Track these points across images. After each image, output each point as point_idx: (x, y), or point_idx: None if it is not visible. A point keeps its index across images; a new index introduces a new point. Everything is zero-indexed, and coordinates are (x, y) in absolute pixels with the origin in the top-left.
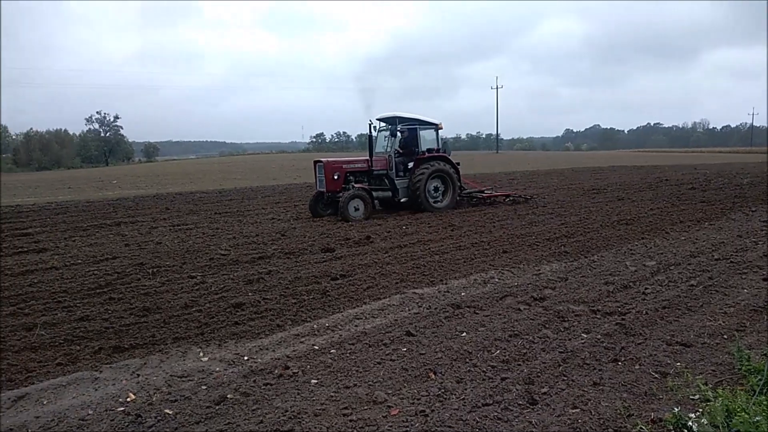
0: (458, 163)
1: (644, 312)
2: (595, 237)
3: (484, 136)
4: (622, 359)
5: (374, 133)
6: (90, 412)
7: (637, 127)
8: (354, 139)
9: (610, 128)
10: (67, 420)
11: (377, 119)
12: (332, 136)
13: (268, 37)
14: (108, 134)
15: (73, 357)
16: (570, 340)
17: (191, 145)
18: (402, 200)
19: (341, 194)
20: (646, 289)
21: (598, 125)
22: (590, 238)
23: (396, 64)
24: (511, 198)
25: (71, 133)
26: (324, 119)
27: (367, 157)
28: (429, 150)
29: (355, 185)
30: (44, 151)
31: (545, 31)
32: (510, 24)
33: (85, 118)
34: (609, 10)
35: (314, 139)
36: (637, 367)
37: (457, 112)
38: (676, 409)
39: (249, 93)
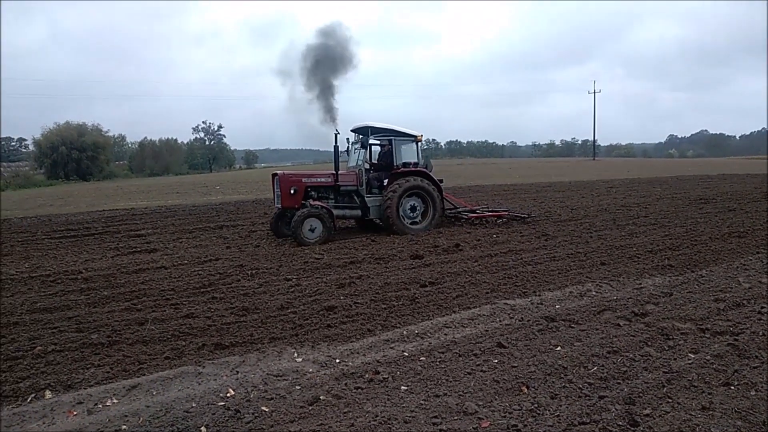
0: (441, 180)
1: (760, 333)
2: (703, 250)
3: (579, 142)
4: (736, 383)
5: (348, 146)
6: (194, 404)
7: (751, 133)
8: (443, 146)
9: (719, 134)
10: (173, 411)
11: (351, 130)
12: (421, 143)
13: (363, 51)
14: (212, 142)
15: (179, 351)
16: (675, 359)
17: (287, 152)
18: (377, 220)
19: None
20: (762, 308)
21: (706, 131)
22: (698, 251)
23: (484, 71)
24: (505, 218)
25: (179, 141)
26: (413, 127)
27: (333, 171)
28: (405, 164)
29: (312, 202)
30: (156, 158)
31: (638, 36)
32: (600, 30)
33: (192, 128)
34: (706, 12)
35: None
36: (752, 392)
37: (549, 117)
38: None
39: (344, 103)
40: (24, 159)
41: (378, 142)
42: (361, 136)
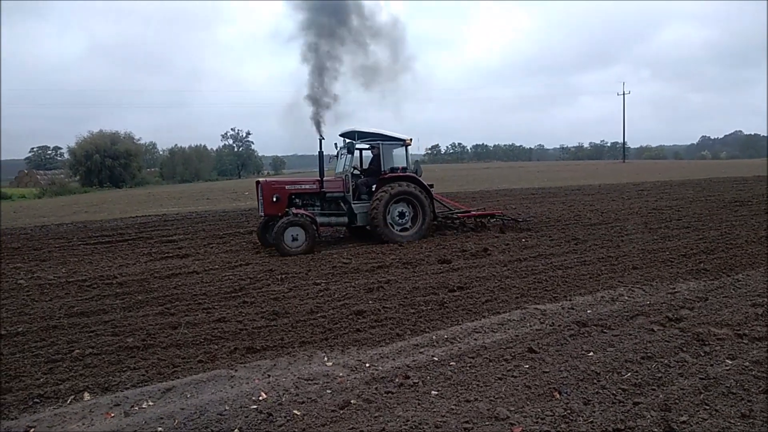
0: (431, 185)
1: None
2: (739, 254)
3: (608, 144)
4: None
5: (336, 151)
6: (227, 407)
7: None
8: (469, 150)
9: (754, 134)
10: (207, 414)
11: (339, 135)
12: (447, 147)
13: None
14: (240, 149)
15: (211, 355)
16: (712, 365)
17: (313, 159)
18: (367, 227)
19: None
20: None
21: (740, 131)
22: (733, 255)
23: (508, 75)
24: (496, 219)
25: (209, 148)
26: (439, 131)
27: (318, 178)
28: (393, 169)
29: (293, 210)
30: (186, 165)
31: (663, 38)
32: (625, 33)
33: (221, 135)
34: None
35: (429, 151)
36: None
37: (576, 120)
38: None
39: (367, 108)
40: (59, 167)
41: (365, 146)
42: (348, 141)
